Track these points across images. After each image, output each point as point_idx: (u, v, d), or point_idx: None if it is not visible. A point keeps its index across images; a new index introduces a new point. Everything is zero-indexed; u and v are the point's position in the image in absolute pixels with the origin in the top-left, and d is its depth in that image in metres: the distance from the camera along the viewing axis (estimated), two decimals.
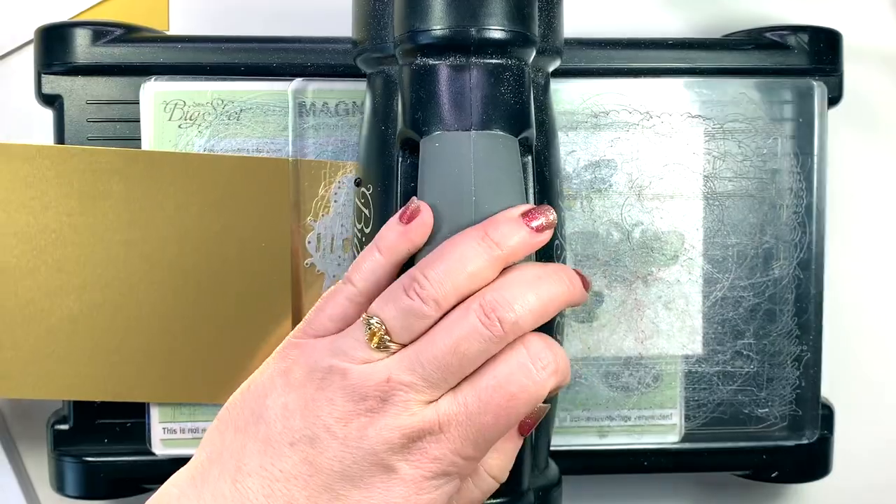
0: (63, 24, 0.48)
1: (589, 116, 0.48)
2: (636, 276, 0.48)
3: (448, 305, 0.36)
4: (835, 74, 0.50)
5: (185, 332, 0.46)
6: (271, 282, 0.46)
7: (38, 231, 0.45)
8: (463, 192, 0.38)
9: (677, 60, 0.50)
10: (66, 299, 0.45)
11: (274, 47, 0.48)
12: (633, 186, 0.48)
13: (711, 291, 0.49)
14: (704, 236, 0.49)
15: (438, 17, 0.39)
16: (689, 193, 0.49)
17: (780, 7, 0.56)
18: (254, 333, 0.46)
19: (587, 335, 0.49)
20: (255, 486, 0.36)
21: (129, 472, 0.49)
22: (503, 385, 0.35)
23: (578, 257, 0.48)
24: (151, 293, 0.46)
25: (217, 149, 0.47)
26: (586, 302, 0.42)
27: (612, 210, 0.48)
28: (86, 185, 0.45)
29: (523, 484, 0.41)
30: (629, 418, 0.49)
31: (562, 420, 0.49)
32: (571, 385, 0.48)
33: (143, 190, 0.45)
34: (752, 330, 0.49)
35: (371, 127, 0.42)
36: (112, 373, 0.46)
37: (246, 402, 0.38)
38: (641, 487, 0.57)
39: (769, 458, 0.51)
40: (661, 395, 0.49)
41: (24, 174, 0.45)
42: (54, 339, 0.45)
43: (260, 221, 0.46)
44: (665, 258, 0.49)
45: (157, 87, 0.47)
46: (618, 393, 0.49)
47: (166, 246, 0.46)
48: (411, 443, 0.35)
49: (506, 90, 0.39)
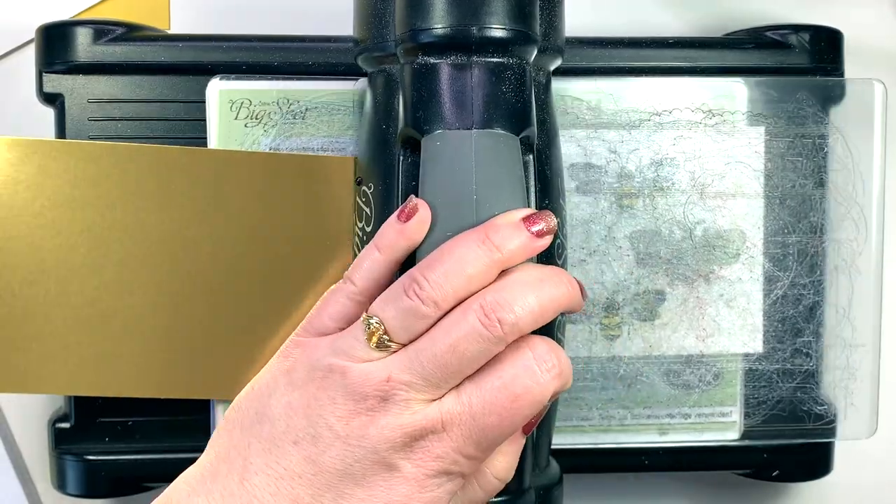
0: (64, 23, 0.48)
1: (651, 115, 0.48)
2: (698, 275, 0.49)
3: (447, 307, 0.36)
4: (835, 74, 0.50)
5: (249, 329, 0.46)
6: (336, 280, 0.46)
7: (104, 229, 0.45)
8: (464, 191, 0.38)
9: (678, 59, 0.50)
10: (132, 297, 0.45)
11: (275, 46, 0.48)
12: (696, 185, 0.48)
13: (772, 289, 0.49)
14: (765, 234, 0.49)
15: (440, 16, 0.39)
16: (750, 192, 0.49)
17: (781, 6, 0.56)
18: None
19: (649, 333, 0.49)
20: (261, 484, 0.36)
21: (130, 470, 0.49)
22: (508, 386, 0.36)
23: (641, 255, 0.49)
24: (216, 291, 0.46)
25: (283, 147, 0.47)
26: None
27: (674, 208, 0.49)
28: (151, 184, 0.45)
29: (524, 483, 0.41)
30: (689, 416, 0.49)
31: (622, 418, 0.49)
32: (633, 383, 0.49)
33: (208, 188, 0.45)
34: (811, 328, 0.50)
35: (372, 126, 0.42)
36: (178, 370, 0.46)
37: (251, 402, 0.38)
38: (641, 487, 0.57)
39: (769, 458, 0.51)
40: (721, 392, 0.49)
41: (91, 173, 0.45)
42: (121, 337, 0.45)
43: (324, 220, 0.46)
44: (726, 256, 0.49)
45: (222, 86, 0.47)
46: (679, 391, 0.49)
47: (231, 244, 0.45)
48: (413, 441, 0.35)
49: (507, 89, 0.39)
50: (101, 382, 0.46)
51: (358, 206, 0.44)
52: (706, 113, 0.49)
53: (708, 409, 0.49)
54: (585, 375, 0.49)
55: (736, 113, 0.49)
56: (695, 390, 0.49)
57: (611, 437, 0.49)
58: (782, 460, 0.51)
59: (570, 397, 0.49)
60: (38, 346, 0.45)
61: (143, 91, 0.48)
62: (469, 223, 0.38)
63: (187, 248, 0.45)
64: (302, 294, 0.45)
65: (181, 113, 0.48)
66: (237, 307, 0.46)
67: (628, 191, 0.48)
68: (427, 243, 0.38)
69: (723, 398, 0.49)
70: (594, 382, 0.49)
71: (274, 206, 0.46)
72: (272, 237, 0.46)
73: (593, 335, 0.49)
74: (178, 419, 0.49)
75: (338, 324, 0.39)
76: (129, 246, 0.45)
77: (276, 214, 0.46)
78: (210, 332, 0.46)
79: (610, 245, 0.48)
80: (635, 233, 0.49)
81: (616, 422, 0.48)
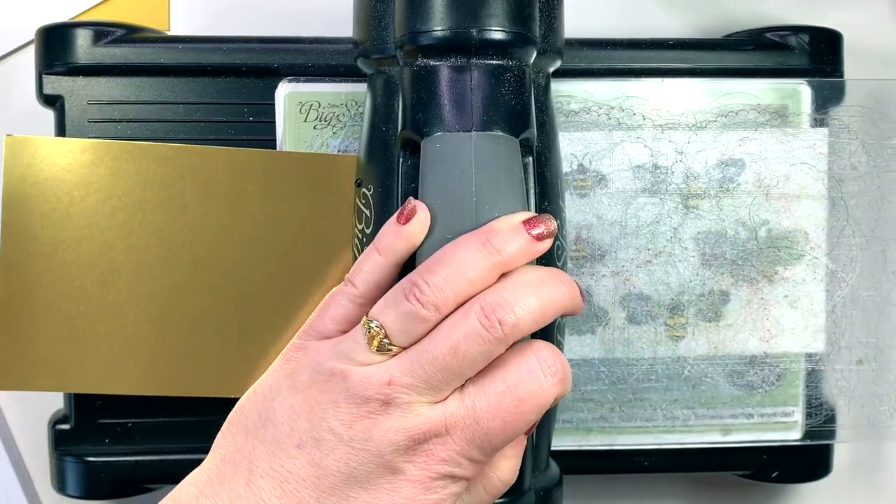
0: (64, 25, 0.48)
1: (718, 115, 0.48)
2: (762, 276, 0.49)
3: (447, 310, 0.36)
4: (835, 75, 0.51)
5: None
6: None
7: (175, 230, 0.45)
8: (464, 193, 0.38)
9: (677, 61, 0.50)
10: (203, 298, 0.46)
11: (274, 48, 0.48)
12: (761, 186, 0.49)
13: (835, 290, 0.50)
14: (828, 235, 0.49)
15: (439, 18, 0.39)
16: (815, 193, 0.49)
17: (780, 8, 0.56)
18: None
19: (714, 334, 0.49)
20: (267, 487, 0.36)
21: (129, 471, 0.49)
22: (513, 390, 0.36)
23: (706, 256, 0.49)
24: (286, 291, 0.46)
25: (352, 149, 0.47)
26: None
27: (740, 209, 0.49)
28: (222, 185, 0.46)
29: (525, 484, 0.41)
30: (752, 416, 0.50)
31: (686, 418, 0.50)
32: (698, 384, 0.49)
33: (278, 190, 0.46)
34: (873, 329, 0.50)
35: (372, 128, 0.42)
36: (248, 370, 0.46)
37: (254, 405, 0.38)
38: (638, 488, 0.57)
39: (769, 458, 0.51)
40: (783, 393, 0.50)
41: (163, 174, 0.45)
42: (191, 337, 0.46)
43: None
44: (790, 257, 0.49)
45: (291, 89, 0.47)
46: (742, 391, 0.49)
47: (301, 245, 0.46)
48: (417, 444, 0.35)
49: (507, 91, 0.39)
50: (170, 382, 0.46)
51: (357, 207, 0.44)
52: (772, 114, 0.49)
53: (771, 409, 0.50)
54: (650, 377, 0.49)
55: (801, 114, 0.49)
56: (758, 390, 0.50)
57: (675, 438, 0.50)
58: (780, 461, 0.51)
59: (635, 398, 0.49)
60: (110, 346, 0.45)
61: (142, 92, 0.48)
62: (469, 225, 0.38)
63: (259, 248, 0.46)
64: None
65: (181, 114, 0.48)
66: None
67: (694, 192, 0.49)
68: (427, 245, 0.38)
69: (785, 398, 0.50)
70: (658, 383, 0.49)
71: (344, 207, 0.46)
72: (343, 236, 0.46)
73: (658, 336, 0.49)
74: (177, 420, 0.49)
75: (339, 326, 0.39)
76: (199, 247, 0.46)
77: (346, 215, 0.46)
78: (278, 333, 0.46)
79: (675, 246, 0.49)
80: (700, 234, 0.49)
81: (680, 422, 0.48)
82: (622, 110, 0.49)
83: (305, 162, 0.46)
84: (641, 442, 0.49)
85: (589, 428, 0.49)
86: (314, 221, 0.46)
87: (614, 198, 0.49)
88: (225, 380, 0.46)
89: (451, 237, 0.38)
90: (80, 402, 0.48)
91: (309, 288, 0.46)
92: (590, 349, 0.49)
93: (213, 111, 0.48)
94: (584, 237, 0.49)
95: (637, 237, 0.48)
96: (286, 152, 0.47)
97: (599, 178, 0.49)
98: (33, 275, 0.45)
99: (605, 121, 0.49)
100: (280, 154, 0.47)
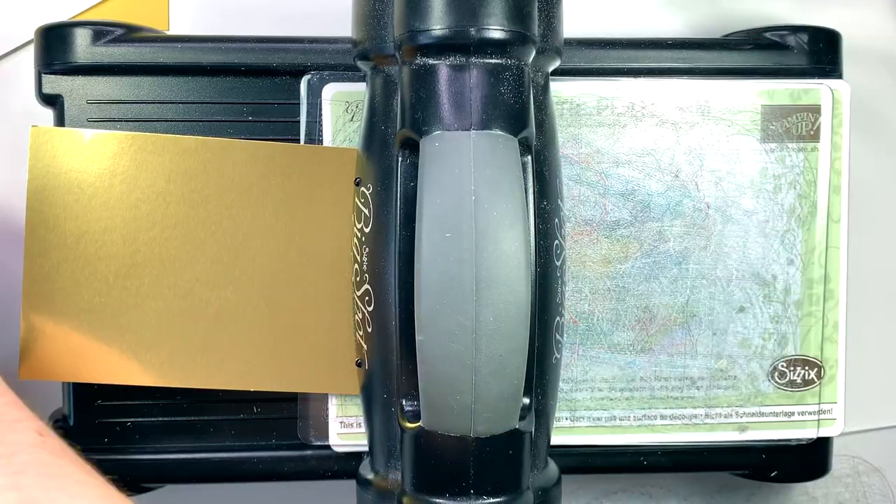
0: (63, 24, 0.48)
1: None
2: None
3: None
4: (834, 75, 0.51)
5: (339, 324, 0.46)
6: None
7: (197, 223, 0.45)
8: (462, 192, 0.38)
9: (676, 60, 0.50)
10: (224, 290, 0.46)
11: (274, 47, 0.48)
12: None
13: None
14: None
15: (438, 17, 0.39)
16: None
17: (779, 7, 0.56)
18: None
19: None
20: None
21: (129, 471, 0.49)
22: None
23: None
24: (308, 286, 0.46)
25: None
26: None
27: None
28: (246, 178, 0.45)
29: (523, 483, 0.41)
30: (792, 414, 0.50)
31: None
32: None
33: (302, 183, 0.46)
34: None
35: (370, 127, 0.42)
36: (270, 363, 0.46)
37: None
38: (636, 487, 0.57)
39: (769, 458, 0.51)
40: (825, 389, 0.50)
41: (186, 167, 0.45)
42: (213, 330, 0.46)
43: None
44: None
45: (337, 88, 0.47)
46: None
47: (324, 239, 0.46)
48: None
49: (505, 90, 0.39)
50: (191, 374, 0.46)
51: (356, 207, 0.44)
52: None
53: (813, 406, 0.50)
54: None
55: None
56: (798, 388, 0.50)
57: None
58: (780, 460, 0.51)
59: (671, 397, 0.49)
60: (132, 338, 0.45)
61: (142, 92, 0.48)
62: (467, 224, 0.38)
63: (282, 242, 0.46)
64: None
65: (180, 114, 0.48)
66: (328, 301, 0.46)
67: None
68: (426, 243, 0.38)
69: (827, 395, 0.50)
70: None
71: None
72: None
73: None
74: (177, 420, 0.49)
75: None
76: (222, 239, 0.46)
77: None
78: (299, 326, 0.46)
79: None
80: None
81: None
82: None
83: (330, 156, 0.46)
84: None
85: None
86: (338, 215, 0.46)
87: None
88: (246, 372, 0.46)
89: (448, 237, 0.38)
90: (79, 402, 0.48)
91: (330, 281, 0.46)
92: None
93: (213, 111, 0.48)
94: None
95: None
96: (310, 146, 0.47)
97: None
98: (56, 265, 0.45)
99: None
100: (304, 148, 0.47)
